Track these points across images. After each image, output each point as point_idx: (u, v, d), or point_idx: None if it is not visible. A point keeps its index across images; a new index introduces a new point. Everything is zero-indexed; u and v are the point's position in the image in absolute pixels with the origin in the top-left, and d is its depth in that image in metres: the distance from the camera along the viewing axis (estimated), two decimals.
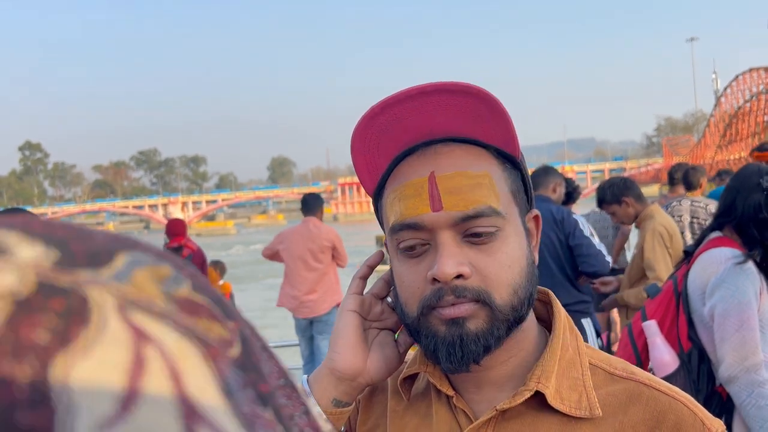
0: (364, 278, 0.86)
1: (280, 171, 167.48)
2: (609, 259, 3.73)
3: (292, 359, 8.50)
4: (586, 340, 3.73)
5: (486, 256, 0.73)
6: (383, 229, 0.83)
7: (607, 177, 5.30)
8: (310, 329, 5.43)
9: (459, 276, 0.72)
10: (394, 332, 0.85)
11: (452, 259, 0.71)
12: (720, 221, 2.28)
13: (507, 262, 0.74)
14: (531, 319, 0.80)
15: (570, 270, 3.76)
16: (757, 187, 2.19)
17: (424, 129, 0.75)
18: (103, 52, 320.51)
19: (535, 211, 0.81)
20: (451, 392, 0.79)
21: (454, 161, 0.74)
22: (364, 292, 0.84)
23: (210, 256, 8.00)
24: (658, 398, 0.75)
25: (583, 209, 6.09)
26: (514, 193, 0.76)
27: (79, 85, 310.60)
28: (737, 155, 60.62)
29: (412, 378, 0.84)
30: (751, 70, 60.71)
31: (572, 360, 0.78)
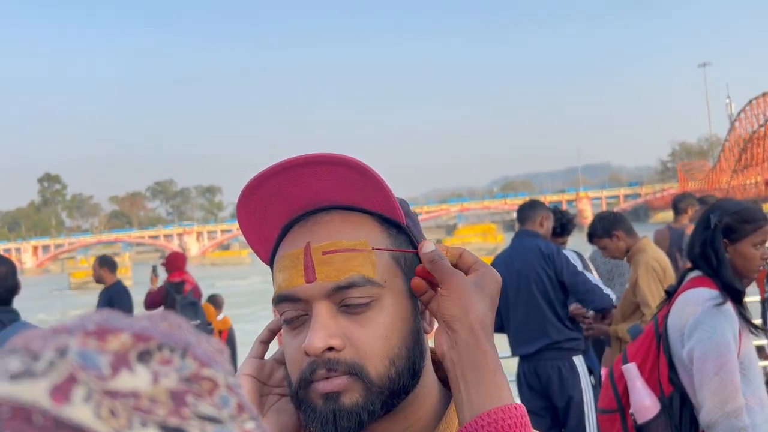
0: (265, 342, 0.84)
1: None
2: (609, 291, 3.68)
3: None
4: (577, 378, 3.69)
5: (359, 326, 0.72)
6: None
7: (622, 203, 5.21)
8: None
9: (331, 348, 0.71)
10: None
11: (322, 332, 0.71)
12: (689, 260, 2.28)
13: (383, 332, 0.72)
14: (430, 384, 0.79)
15: (560, 307, 3.71)
16: (706, 223, 2.22)
17: (305, 198, 0.76)
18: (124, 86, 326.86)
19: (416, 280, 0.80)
20: None
21: (331, 230, 0.74)
22: (265, 357, 0.83)
23: (225, 285, 8.05)
24: None
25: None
26: (397, 258, 0.76)
27: (97, 117, 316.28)
28: (753, 180, 60.14)
29: None
30: (764, 94, 60.40)
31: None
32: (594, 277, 3.77)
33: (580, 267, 3.72)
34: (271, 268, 0.80)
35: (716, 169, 72.79)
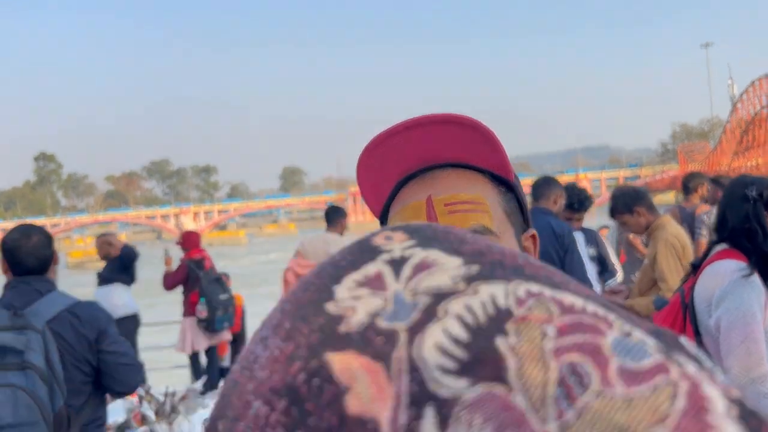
0: None
1: (291, 180, 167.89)
2: (597, 285, 3.79)
3: None
4: None
5: None
6: None
7: (621, 184, 5.00)
8: None
9: None
10: None
11: None
12: (718, 235, 2.36)
13: None
14: None
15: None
16: (743, 198, 2.30)
17: (422, 157, 0.81)
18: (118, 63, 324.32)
19: (532, 231, 0.86)
20: None
21: (450, 184, 0.80)
22: None
23: (223, 266, 7.70)
24: None
25: (599, 218, 5.57)
26: (508, 214, 0.81)
27: (96, 93, 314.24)
28: (754, 162, 59.77)
29: None
30: (767, 75, 59.79)
31: None
32: (609, 256, 3.82)
33: (583, 252, 3.76)
34: (383, 222, 0.85)
35: (717, 151, 72.41)
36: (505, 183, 0.82)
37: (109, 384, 2.48)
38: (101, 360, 2.44)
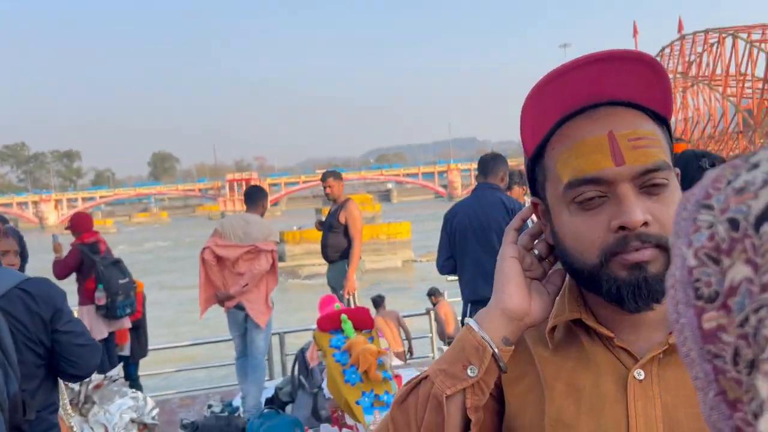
0: (518, 230, 0.91)
1: (162, 167, 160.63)
2: None
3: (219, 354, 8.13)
4: None
5: (662, 205, 0.80)
6: (536, 186, 0.89)
7: (517, 168, 5.45)
8: (245, 323, 5.28)
9: (644, 224, 0.78)
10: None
11: (638, 208, 0.78)
12: None
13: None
14: None
15: None
16: (699, 169, 2.32)
17: (590, 93, 0.82)
18: None
19: (677, 170, 0.86)
20: (611, 334, 0.84)
21: (627, 121, 0.81)
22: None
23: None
24: None
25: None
26: (669, 150, 0.84)
27: None
28: None
29: (551, 329, 0.90)
30: None
31: None
32: None
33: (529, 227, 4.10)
34: (537, 157, 0.87)
35: None
36: (665, 121, 0.84)
37: (64, 367, 2.30)
38: (56, 341, 2.26)
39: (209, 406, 5.26)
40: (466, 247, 4.02)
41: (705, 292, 0.34)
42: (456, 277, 5.62)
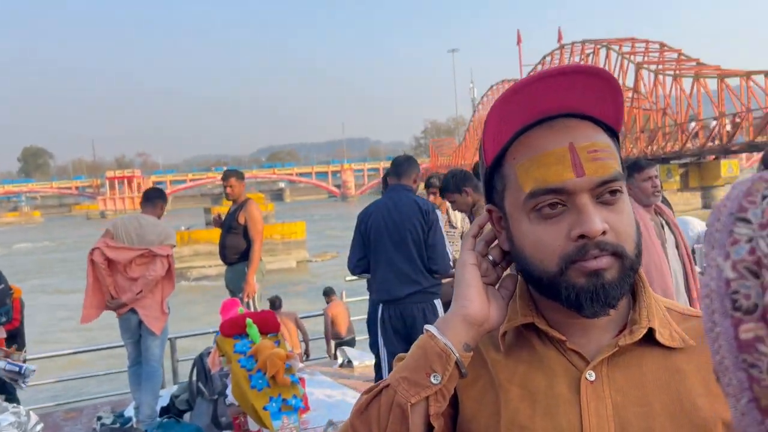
0: (476, 237, 0.93)
1: (34, 163, 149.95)
2: (452, 261, 4.09)
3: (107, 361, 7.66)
4: (437, 318, 4.08)
5: (616, 215, 0.84)
6: (493, 194, 0.91)
7: (381, 175, 5.53)
8: (139, 330, 5.04)
9: (602, 232, 0.81)
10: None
11: (597, 217, 0.81)
12: None
13: (631, 219, 0.86)
14: None
15: (427, 260, 4.00)
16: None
17: (550, 105, 0.84)
18: None
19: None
20: (563, 337, 0.87)
21: (585, 133, 0.84)
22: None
23: None
24: None
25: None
26: (620, 162, 0.87)
27: None
28: None
29: (504, 333, 0.91)
30: (503, 81, 68.15)
31: (655, 302, 0.91)
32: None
33: (443, 231, 4.07)
34: (496, 166, 0.89)
35: (462, 147, 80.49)
36: (616, 133, 0.88)
37: None
38: None
39: (99, 418, 4.96)
40: (381, 248, 4.04)
41: (743, 304, 0.35)
42: (354, 278, 5.62)
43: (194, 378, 4.59)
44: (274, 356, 3.47)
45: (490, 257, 0.92)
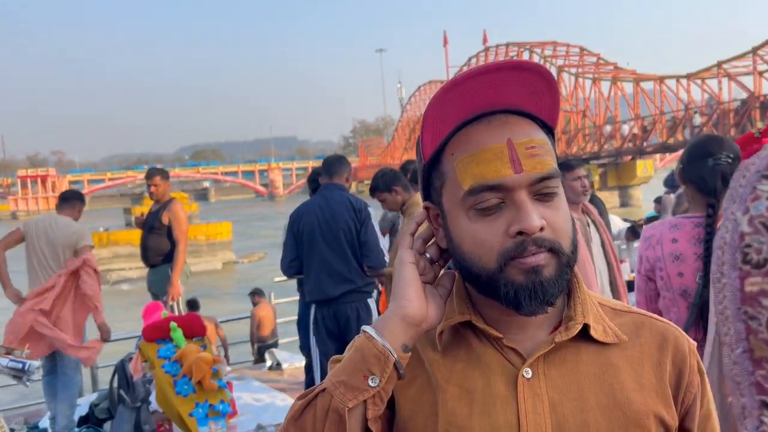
0: (413, 234, 0.91)
1: None
2: (387, 257, 4.11)
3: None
4: (371, 318, 4.02)
5: (553, 211, 0.84)
6: (431, 191, 0.90)
7: (384, 168, 5.54)
8: None
9: (541, 229, 0.81)
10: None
11: (535, 214, 0.81)
12: None
13: (567, 216, 0.86)
14: None
15: (361, 256, 3.99)
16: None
17: (488, 101, 0.83)
18: None
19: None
20: (500, 335, 0.87)
21: (523, 129, 0.84)
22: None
23: None
24: (657, 325, 0.92)
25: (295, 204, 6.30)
26: (556, 159, 0.88)
27: None
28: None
29: (441, 332, 0.91)
30: (430, 82, 69.13)
31: (589, 298, 0.92)
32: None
33: (377, 227, 4.08)
34: (434, 162, 0.88)
35: (391, 146, 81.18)
36: (551, 130, 0.89)
37: None
38: None
39: (12, 431, 4.69)
40: (314, 247, 4.01)
41: (754, 258, 0.36)
42: (283, 278, 5.54)
43: (115, 385, 4.41)
44: (200, 361, 3.36)
45: (428, 255, 0.91)
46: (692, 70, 32.79)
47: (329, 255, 3.97)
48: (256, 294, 8.71)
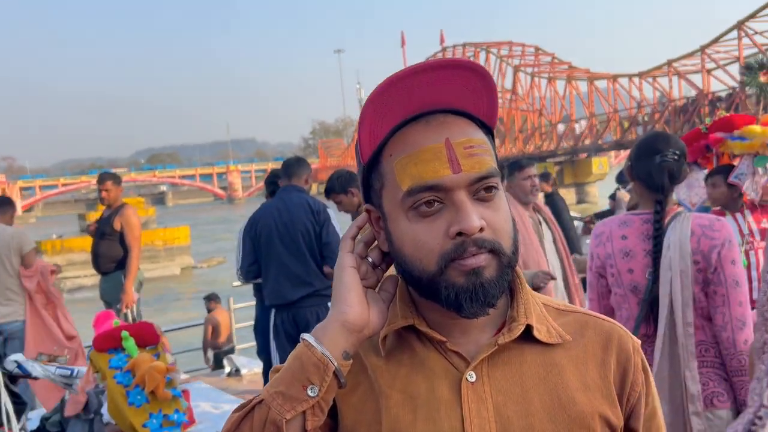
0: (354, 238, 0.89)
1: None
2: None
3: None
4: None
5: (493, 211, 0.82)
6: (371, 193, 0.88)
7: (340, 168, 5.49)
8: (3, 348, 4.70)
9: (481, 229, 0.80)
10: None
11: (475, 214, 0.79)
12: None
13: (507, 215, 0.84)
14: None
15: (320, 260, 3.93)
16: None
17: (426, 101, 0.82)
18: None
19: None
20: (443, 338, 0.86)
21: (461, 129, 0.83)
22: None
23: None
24: (601, 324, 0.92)
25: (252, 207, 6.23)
26: (496, 158, 0.87)
27: None
28: None
29: (384, 337, 0.89)
30: None
31: (532, 298, 0.90)
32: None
33: (338, 228, 4.04)
34: (375, 163, 0.86)
35: (351, 147, 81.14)
36: (490, 130, 0.87)
37: None
38: None
39: None
40: (272, 251, 3.95)
41: None
42: (240, 283, 5.46)
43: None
44: (153, 370, 3.28)
45: (370, 259, 0.89)
46: (644, 68, 33.59)
47: (287, 258, 3.92)
48: (211, 299, 8.57)
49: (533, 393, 0.85)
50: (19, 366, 3.88)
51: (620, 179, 7.70)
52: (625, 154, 34.76)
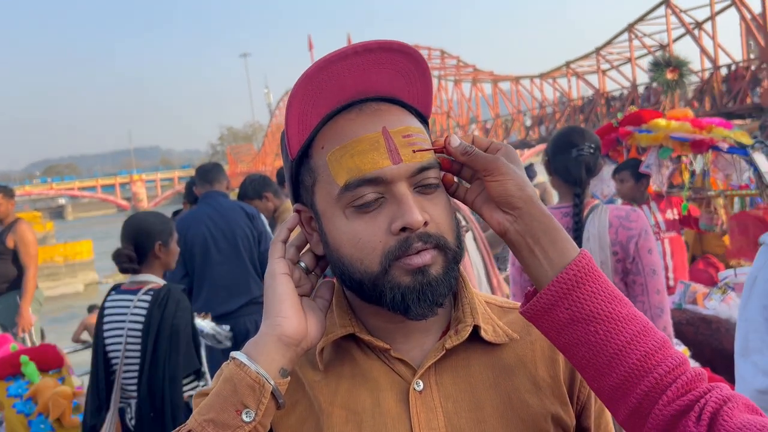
0: (285, 242, 0.82)
1: None
2: None
3: None
4: None
5: (434, 205, 0.77)
6: (301, 191, 0.81)
7: (176, 185, 5.38)
8: None
9: (425, 223, 0.74)
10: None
11: (417, 208, 0.74)
12: None
13: (449, 209, 0.79)
14: None
15: (260, 265, 3.81)
16: None
17: (358, 88, 0.76)
18: None
19: None
20: (387, 346, 0.81)
21: (398, 117, 0.77)
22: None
23: None
24: None
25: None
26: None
27: None
28: None
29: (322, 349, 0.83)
30: None
31: (476, 297, 0.86)
32: None
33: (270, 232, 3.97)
34: (305, 157, 0.79)
35: (261, 152, 79.88)
36: (425, 120, 0.83)
37: None
38: None
39: None
40: (208, 260, 3.77)
41: None
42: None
43: None
44: (57, 396, 3.04)
45: (302, 264, 0.82)
46: (545, 69, 34.96)
47: (225, 266, 3.77)
48: (92, 311, 8.14)
49: (484, 398, 0.81)
50: None
51: (527, 176, 7.97)
52: (529, 152, 36.10)
